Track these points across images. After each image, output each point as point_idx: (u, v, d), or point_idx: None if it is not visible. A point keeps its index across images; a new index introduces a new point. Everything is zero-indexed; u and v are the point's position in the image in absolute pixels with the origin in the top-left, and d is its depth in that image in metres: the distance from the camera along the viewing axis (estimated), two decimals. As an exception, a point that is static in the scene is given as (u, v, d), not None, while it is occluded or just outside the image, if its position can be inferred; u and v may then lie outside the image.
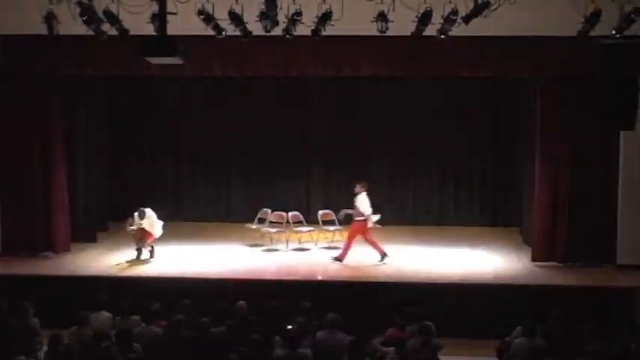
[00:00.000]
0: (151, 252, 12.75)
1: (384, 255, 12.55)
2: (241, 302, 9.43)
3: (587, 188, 12.44)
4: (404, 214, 15.71)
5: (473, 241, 14.19)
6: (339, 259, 12.63)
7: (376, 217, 12.55)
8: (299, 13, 10.23)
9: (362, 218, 12.46)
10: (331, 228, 13.95)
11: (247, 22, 10.49)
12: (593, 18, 9.95)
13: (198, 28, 10.43)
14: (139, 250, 12.63)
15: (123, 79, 14.09)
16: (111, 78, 14.00)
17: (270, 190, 15.64)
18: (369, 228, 12.53)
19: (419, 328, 8.63)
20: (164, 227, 12.80)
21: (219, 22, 10.42)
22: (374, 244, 12.59)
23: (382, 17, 10.03)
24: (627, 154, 12.36)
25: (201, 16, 10.16)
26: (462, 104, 15.55)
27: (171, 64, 9.77)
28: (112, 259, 12.84)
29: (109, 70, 12.76)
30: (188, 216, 15.59)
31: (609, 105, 12.30)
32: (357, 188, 12.58)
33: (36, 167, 13.10)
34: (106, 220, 15.31)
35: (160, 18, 8.99)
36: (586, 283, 11.60)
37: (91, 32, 10.44)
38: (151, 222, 12.62)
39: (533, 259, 12.76)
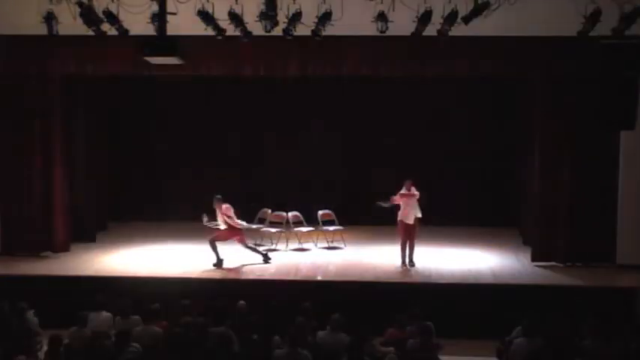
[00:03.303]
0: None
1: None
2: (241, 302, 9.44)
3: (587, 188, 12.43)
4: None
5: (473, 241, 14.19)
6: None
7: None
8: (299, 13, 10.24)
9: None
10: (331, 228, 13.97)
11: (247, 22, 10.50)
12: (593, 18, 9.96)
13: (198, 28, 10.44)
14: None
15: (123, 79, 14.08)
16: (111, 78, 14.00)
17: (270, 190, 15.63)
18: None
19: (419, 328, 8.63)
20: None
21: (219, 23, 10.43)
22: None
23: (382, 17, 10.06)
24: (627, 154, 12.36)
25: (201, 16, 10.17)
26: (462, 104, 15.56)
27: (171, 64, 9.78)
28: (111, 259, 12.84)
29: (109, 70, 12.74)
30: (188, 216, 15.55)
31: (609, 105, 12.33)
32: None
33: (36, 167, 13.09)
34: (106, 220, 15.34)
35: (160, 18, 9.01)
36: (586, 283, 11.60)
37: (91, 32, 10.45)
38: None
39: (533, 259, 12.75)
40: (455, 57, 11.97)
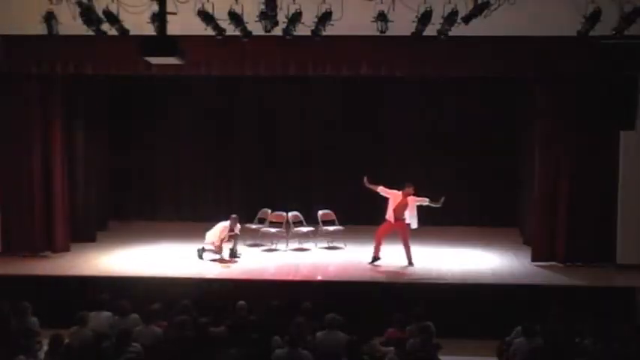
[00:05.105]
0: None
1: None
2: (241, 302, 9.43)
3: (587, 188, 12.44)
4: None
5: (473, 241, 14.20)
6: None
7: None
8: (299, 13, 10.24)
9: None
10: (331, 228, 13.97)
11: (247, 22, 10.50)
12: (593, 18, 9.96)
13: (198, 28, 10.44)
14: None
15: (123, 79, 14.08)
16: (111, 78, 14.00)
17: (270, 190, 15.62)
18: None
19: (419, 328, 8.63)
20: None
21: (219, 22, 10.43)
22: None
23: (382, 17, 10.06)
24: (627, 154, 12.36)
25: (201, 16, 10.17)
26: (462, 104, 15.53)
27: (171, 64, 9.77)
28: (111, 259, 12.85)
29: (109, 70, 12.74)
30: (188, 216, 15.58)
31: (609, 105, 12.35)
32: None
33: (36, 167, 13.10)
34: (106, 220, 15.35)
35: (160, 18, 9.00)
36: (586, 283, 11.60)
37: (91, 32, 10.45)
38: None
39: (533, 259, 12.76)
40: (455, 57, 11.97)
